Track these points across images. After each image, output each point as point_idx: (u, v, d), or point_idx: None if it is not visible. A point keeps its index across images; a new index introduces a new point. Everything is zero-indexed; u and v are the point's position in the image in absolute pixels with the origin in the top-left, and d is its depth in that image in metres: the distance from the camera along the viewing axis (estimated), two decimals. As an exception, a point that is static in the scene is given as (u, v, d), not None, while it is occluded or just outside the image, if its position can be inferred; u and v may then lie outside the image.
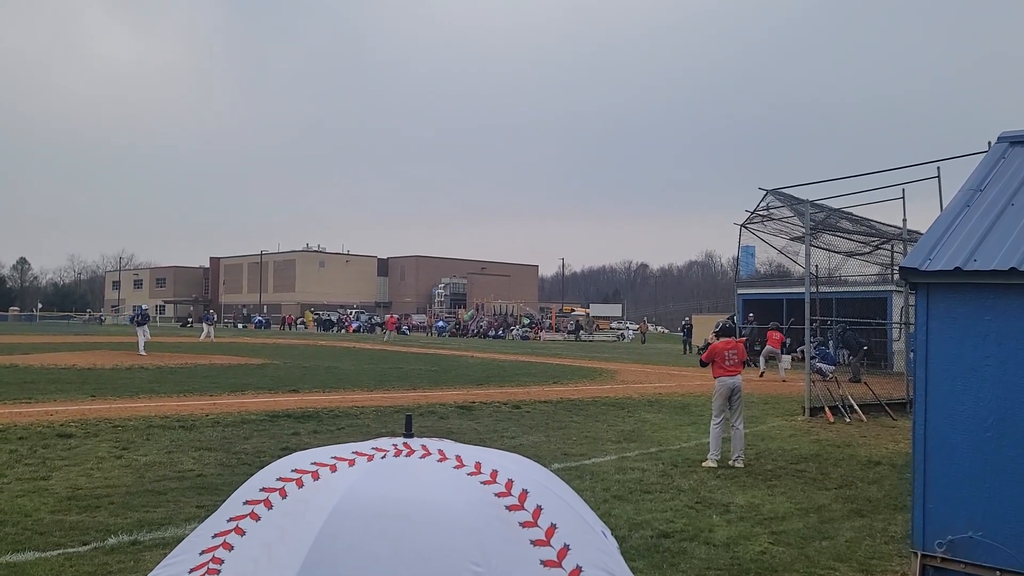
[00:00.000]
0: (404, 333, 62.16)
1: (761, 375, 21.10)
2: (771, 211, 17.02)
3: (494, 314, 71.39)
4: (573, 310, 77.35)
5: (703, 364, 9.50)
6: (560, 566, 1.44)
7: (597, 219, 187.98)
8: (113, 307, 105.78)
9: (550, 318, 71.96)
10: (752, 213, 17.37)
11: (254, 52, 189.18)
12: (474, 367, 24.53)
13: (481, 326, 64.82)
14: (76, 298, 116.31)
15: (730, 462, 8.86)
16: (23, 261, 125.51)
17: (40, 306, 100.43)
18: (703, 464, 8.82)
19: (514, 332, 62.21)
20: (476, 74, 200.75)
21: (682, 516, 6.61)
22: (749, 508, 6.95)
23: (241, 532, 1.55)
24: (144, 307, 30.06)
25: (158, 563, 1.67)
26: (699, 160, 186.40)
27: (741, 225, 18.53)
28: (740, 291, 31.72)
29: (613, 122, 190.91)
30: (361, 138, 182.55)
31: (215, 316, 46.50)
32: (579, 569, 1.45)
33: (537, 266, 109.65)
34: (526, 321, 66.55)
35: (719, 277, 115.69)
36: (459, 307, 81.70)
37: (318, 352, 31.90)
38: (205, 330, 39.80)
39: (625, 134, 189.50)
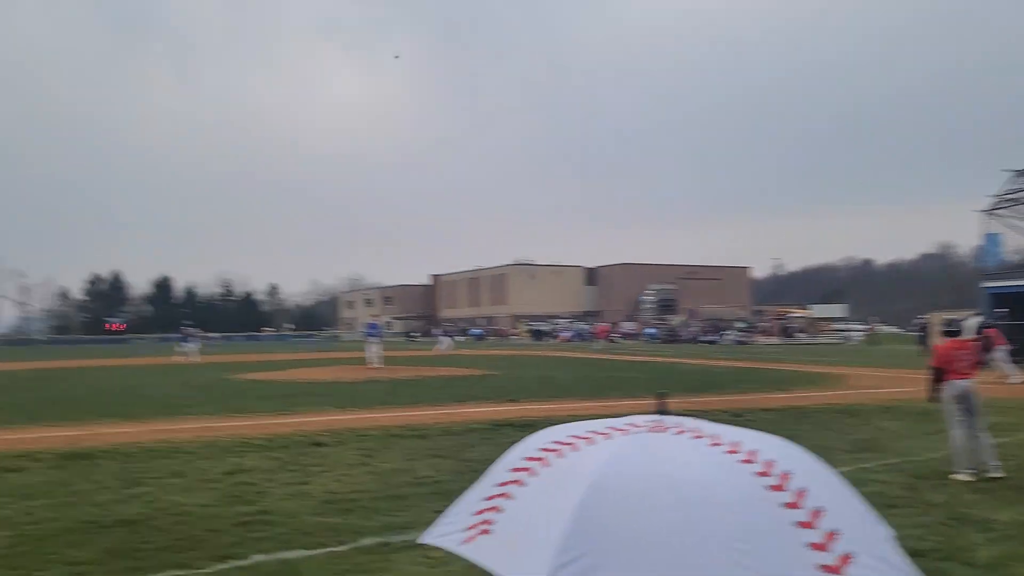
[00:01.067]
0: (613, 341, 62.21)
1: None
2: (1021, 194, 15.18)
3: (705, 319, 69.47)
4: (790, 312, 73.36)
5: (935, 371, 8.55)
6: (828, 550, 1.36)
7: (812, 214, 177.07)
8: (348, 324, 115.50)
9: (765, 321, 68.81)
10: (999, 198, 15.59)
11: (467, 80, 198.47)
12: (689, 374, 24.04)
13: (692, 332, 63.37)
14: (318, 318, 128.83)
15: (987, 474, 8.00)
16: (274, 286, 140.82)
17: (289, 326, 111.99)
18: (954, 477, 8.03)
19: (727, 337, 60.16)
20: (697, 63, 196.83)
21: (935, 533, 6.07)
22: (1015, 526, 6.24)
23: (509, 496, 1.63)
24: (375, 323, 32.45)
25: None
26: (929, 146, 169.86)
27: (986, 211, 16.67)
28: (987, 284, 28.48)
29: (849, 114, 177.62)
30: (568, 152, 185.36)
31: (449, 331, 51.54)
32: (850, 556, 1.35)
33: (749, 268, 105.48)
34: (740, 325, 64.15)
35: (958, 270, 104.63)
36: (669, 313, 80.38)
37: (533, 362, 32.79)
38: (445, 343, 43.74)
39: (854, 127, 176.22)
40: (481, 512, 1.61)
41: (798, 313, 72.08)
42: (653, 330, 67.98)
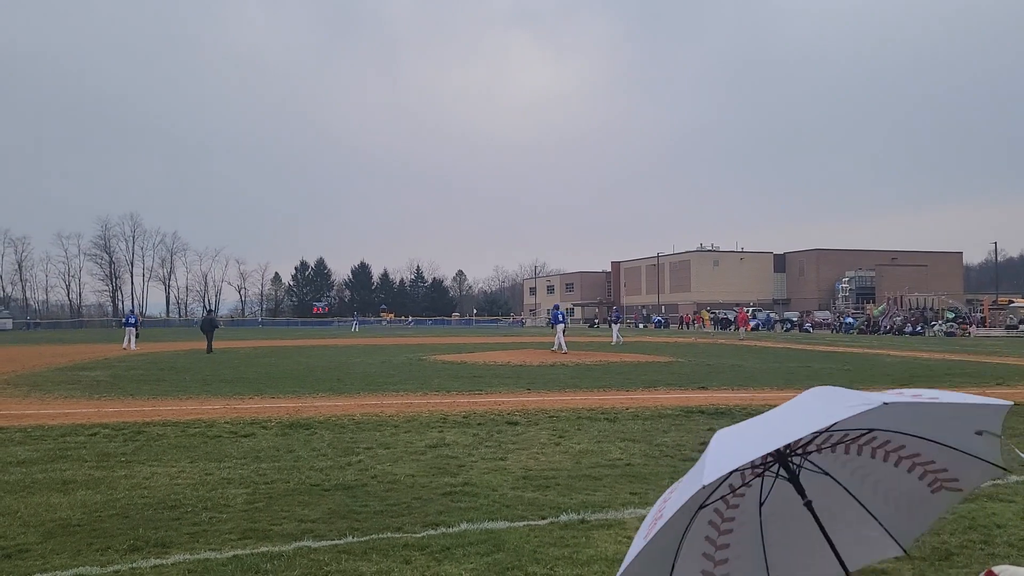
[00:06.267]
0: (807, 331, 59.04)
1: None
2: None
3: (909, 308, 64.25)
4: (1011, 301, 66.07)
5: None
6: None
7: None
8: (531, 311, 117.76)
9: (981, 311, 62.54)
10: None
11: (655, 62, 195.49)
12: (893, 366, 22.38)
13: (895, 322, 58.84)
14: (501, 303, 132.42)
15: None
16: (460, 273, 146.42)
17: (475, 311, 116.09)
18: None
19: (936, 328, 55.29)
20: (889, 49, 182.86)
21: None
22: None
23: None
24: (560, 309, 32.65)
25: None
26: None
27: None
28: None
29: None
30: (756, 133, 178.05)
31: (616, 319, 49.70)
32: None
33: (961, 253, 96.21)
34: (951, 315, 58.67)
35: None
36: (866, 302, 75.14)
37: (719, 350, 31.87)
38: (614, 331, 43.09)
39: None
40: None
41: (1022, 302, 64.78)
42: (851, 320, 63.83)
